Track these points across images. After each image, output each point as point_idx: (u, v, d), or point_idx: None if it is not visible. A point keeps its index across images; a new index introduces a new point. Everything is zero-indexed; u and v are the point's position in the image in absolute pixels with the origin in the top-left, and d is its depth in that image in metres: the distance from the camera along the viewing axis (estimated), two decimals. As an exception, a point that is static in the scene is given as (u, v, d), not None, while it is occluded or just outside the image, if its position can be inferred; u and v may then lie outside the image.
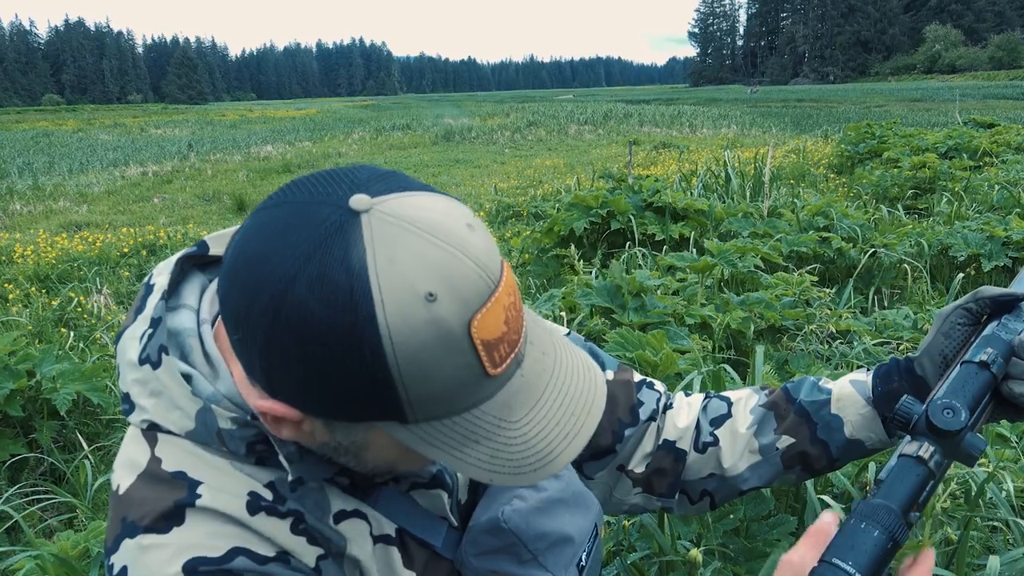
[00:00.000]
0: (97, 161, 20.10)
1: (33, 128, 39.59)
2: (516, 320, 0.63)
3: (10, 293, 6.20)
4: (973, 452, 0.72)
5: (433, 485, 0.80)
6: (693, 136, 21.78)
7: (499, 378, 0.62)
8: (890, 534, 0.66)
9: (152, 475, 0.69)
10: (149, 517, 0.67)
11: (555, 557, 0.81)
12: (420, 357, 0.57)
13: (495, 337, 0.60)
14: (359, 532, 0.74)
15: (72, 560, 2.03)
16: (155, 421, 0.71)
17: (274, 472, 0.72)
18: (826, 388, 0.97)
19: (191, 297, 0.76)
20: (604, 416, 0.98)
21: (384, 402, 0.59)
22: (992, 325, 0.85)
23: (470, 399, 0.61)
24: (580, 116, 31.82)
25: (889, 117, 16.88)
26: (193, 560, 0.65)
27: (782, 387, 1.00)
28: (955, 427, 0.71)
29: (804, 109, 33.73)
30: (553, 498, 0.83)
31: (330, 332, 0.56)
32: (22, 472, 3.10)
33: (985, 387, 0.79)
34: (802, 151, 12.86)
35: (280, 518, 0.70)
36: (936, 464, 0.71)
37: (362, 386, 0.58)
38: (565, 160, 16.95)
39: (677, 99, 54.03)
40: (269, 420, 0.66)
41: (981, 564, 1.68)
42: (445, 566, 0.81)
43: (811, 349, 3.20)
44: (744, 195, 7.50)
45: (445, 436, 0.62)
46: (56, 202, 13.21)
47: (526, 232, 6.62)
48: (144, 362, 0.72)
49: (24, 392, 3.16)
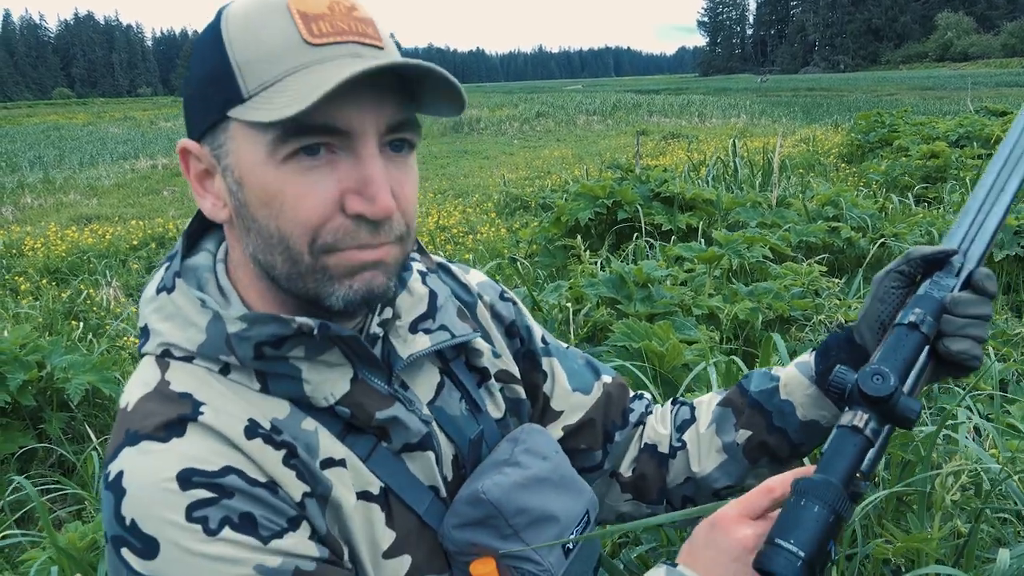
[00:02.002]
0: (107, 154, 20.17)
1: (44, 122, 39.74)
2: (343, 14, 0.70)
3: (21, 286, 6.23)
4: (909, 415, 0.72)
5: (423, 447, 0.81)
6: (702, 126, 21.68)
7: (322, 49, 0.68)
8: (831, 508, 0.66)
9: (160, 393, 0.73)
10: (151, 427, 0.70)
11: (537, 534, 0.80)
12: (243, 23, 0.69)
13: (315, 12, 0.69)
14: (343, 482, 0.76)
15: (79, 553, 2.04)
16: (169, 342, 0.75)
17: (275, 403, 0.74)
18: (776, 376, 0.97)
19: (210, 244, 0.82)
20: (600, 415, 1.01)
21: (224, 73, 0.69)
22: (925, 284, 0.83)
23: (291, 62, 0.68)
24: (589, 106, 31.71)
25: (900, 106, 16.74)
26: (188, 470, 0.68)
27: (737, 383, 1.01)
28: (884, 392, 0.71)
29: (814, 98, 33.52)
30: (539, 476, 0.83)
31: (203, 32, 0.74)
32: (31, 463, 3.12)
33: (916, 348, 0.78)
34: (812, 140, 12.78)
35: (275, 448, 0.72)
36: (873, 431, 0.71)
37: (209, 65, 0.71)
38: (574, 151, 16.90)
39: (686, 89, 53.77)
40: (193, 180, 0.75)
41: (991, 557, 1.67)
42: (430, 537, 0.81)
43: (820, 340, 3.18)
44: (753, 185, 7.46)
45: (268, 99, 0.67)
46: (66, 195, 13.26)
47: (534, 223, 6.60)
48: (160, 291, 0.78)
49: (35, 383, 3.18)
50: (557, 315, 3.18)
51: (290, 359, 0.74)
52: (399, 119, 0.72)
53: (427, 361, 0.86)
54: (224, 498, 0.67)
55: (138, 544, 0.66)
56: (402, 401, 0.80)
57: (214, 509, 0.67)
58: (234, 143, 0.71)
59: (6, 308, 5.25)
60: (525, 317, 1.02)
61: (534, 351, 1.00)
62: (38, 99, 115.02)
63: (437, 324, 0.87)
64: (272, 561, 0.68)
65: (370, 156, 0.70)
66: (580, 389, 1.01)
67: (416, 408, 0.81)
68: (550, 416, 1.00)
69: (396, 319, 0.84)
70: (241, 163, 0.71)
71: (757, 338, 3.16)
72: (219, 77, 0.70)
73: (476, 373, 0.92)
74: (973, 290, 0.83)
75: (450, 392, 0.87)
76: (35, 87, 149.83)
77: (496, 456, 0.85)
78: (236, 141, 0.70)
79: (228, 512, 0.67)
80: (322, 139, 0.69)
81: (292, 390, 0.74)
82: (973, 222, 0.86)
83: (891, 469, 1.90)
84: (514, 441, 0.87)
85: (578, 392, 1.01)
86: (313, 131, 0.68)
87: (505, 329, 0.98)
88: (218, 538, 0.66)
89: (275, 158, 0.68)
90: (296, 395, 0.75)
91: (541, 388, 1.00)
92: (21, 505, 2.71)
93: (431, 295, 0.89)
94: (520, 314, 1.01)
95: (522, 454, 0.84)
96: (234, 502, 0.68)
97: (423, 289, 0.89)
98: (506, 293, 1.01)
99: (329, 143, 0.69)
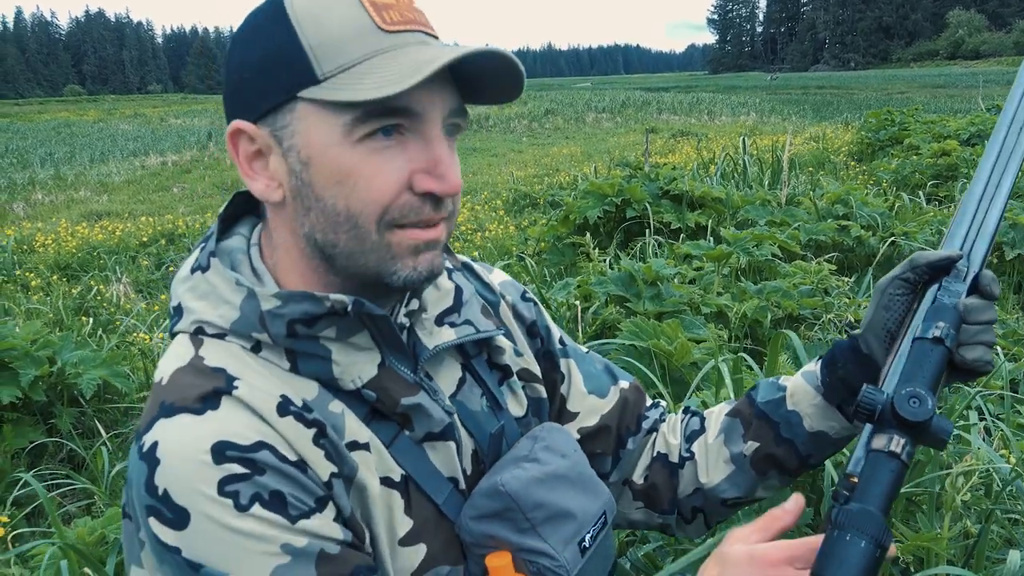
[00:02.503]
0: (117, 151, 20.26)
1: (55, 118, 39.94)
2: (407, 5, 0.74)
3: (32, 281, 6.27)
4: (943, 436, 0.69)
5: (445, 437, 0.82)
6: (712, 124, 21.61)
7: (396, 36, 0.71)
8: (876, 542, 0.63)
9: (195, 367, 0.74)
10: (187, 399, 0.71)
11: (553, 530, 0.80)
12: (312, 6, 0.71)
13: (383, 1, 0.72)
14: (367, 466, 0.76)
15: (89, 548, 2.05)
16: (203, 319, 0.76)
17: (303, 383, 0.75)
18: (783, 386, 0.97)
19: (244, 229, 0.84)
20: (615, 421, 1.01)
21: (293, 55, 0.70)
22: (933, 291, 0.81)
23: (367, 47, 0.70)
24: (598, 104, 31.66)
25: (911, 104, 16.66)
26: (222, 443, 0.68)
27: (746, 393, 1.01)
28: (925, 416, 0.68)
29: (824, 96, 33.37)
30: (557, 473, 0.83)
31: (255, 15, 0.75)
32: (41, 458, 3.14)
33: (941, 363, 0.75)
34: (822, 138, 12.72)
35: (306, 426, 0.73)
36: (908, 455, 0.69)
37: (274, 46, 0.71)
38: (583, 148, 16.88)
39: (696, 86, 53.63)
40: (243, 161, 0.76)
41: (1001, 558, 1.66)
42: (447, 528, 0.81)
43: (829, 339, 3.17)
44: (762, 183, 7.43)
45: (348, 80, 0.70)
46: (77, 192, 13.33)
47: (543, 221, 6.60)
48: (195, 270, 0.79)
49: (46, 379, 3.20)
50: (565, 313, 3.18)
51: (321, 339, 0.75)
52: (457, 105, 0.76)
53: (449, 356, 0.88)
54: (256, 474, 0.68)
55: (169, 514, 0.66)
56: (427, 390, 0.81)
57: (246, 485, 0.67)
58: (302, 123, 0.72)
59: (17, 304, 5.27)
60: (545, 318, 1.03)
61: (552, 352, 1.01)
62: (49, 96, 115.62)
63: (462, 319, 0.88)
64: (299, 541, 0.69)
65: (438, 138, 0.74)
66: (596, 392, 1.02)
67: (440, 398, 0.82)
68: (566, 417, 1.01)
69: (422, 311, 0.85)
70: (311, 143, 0.72)
71: (766, 337, 3.15)
72: (287, 59, 0.71)
73: (498, 370, 0.92)
74: (980, 295, 0.82)
75: (471, 388, 0.88)
76: (46, 84, 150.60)
77: (516, 452, 0.86)
78: (305, 122, 0.72)
79: (259, 489, 0.68)
80: (399, 120, 0.72)
81: (321, 370, 0.75)
82: (972, 222, 0.84)
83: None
84: (534, 438, 0.87)
85: (593, 395, 1.01)
86: (394, 113, 0.71)
87: (527, 328, 0.99)
88: (248, 514, 0.67)
89: (350, 138, 0.71)
90: (324, 376, 0.76)
91: (559, 389, 1.01)
92: (31, 500, 2.72)
93: (457, 290, 0.91)
94: (540, 315, 1.02)
95: (541, 451, 0.85)
96: (265, 479, 0.68)
97: (449, 284, 0.91)
98: (527, 293, 1.02)
99: (400, 125, 0.72)
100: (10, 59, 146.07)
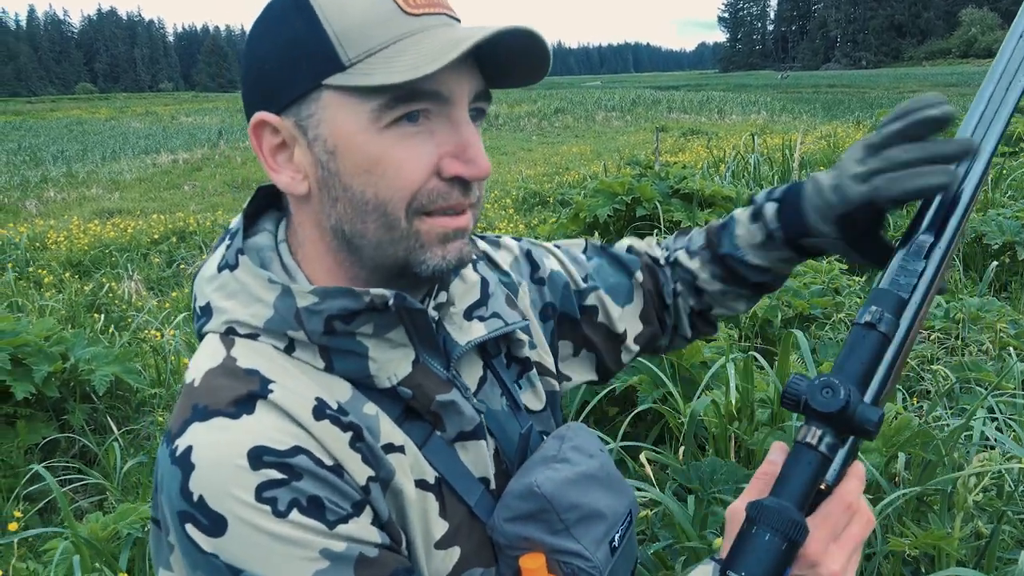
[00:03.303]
0: (129, 149, 20.37)
1: (67, 116, 40.20)
2: None
3: (44, 278, 6.31)
4: (867, 426, 0.66)
5: (476, 436, 0.81)
6: (722, 122, 21.56)
7: (420, 19, 0.70)
8: (784, 535, 0.63)
9: (227, 369, 0.72)
10: (221, 402, 0.69)
11: (586, 531, 0.80)
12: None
13: None
14: (402, 469, 0.75)
15: (101, 543, 2.06)
16: (234, 319, 0.74)
17: (338, 384, 0.74)
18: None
19: (270, 224, 0.82)
20: (651, 310, 1.03)
21: (317, 42, 0.69)
22: (891, 271, 0.75)
23: (393, 31, 0.69)
24: (608, 103, 31.62)
25: (923, 103, 16.53)
26: (259, 448, 0.67)
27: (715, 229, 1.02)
28: (834, 407, 0.66)
29: (835, 95, 33.24)
30: (588, 473, 0.83)
31: (274, 7, 0.73)
32: (54, 454, 3.16)
33: (875, 349, 0.71)
34: (833, 137, 12.67)
35: (342, 429, 0.72)
36: (829, 447, 0.67)
37: (297, 34, 0.70)
38: (592, 147, 16.87)
39: (706, 85, 53.49)
40: (267, 154, 0.74)
41: (1013, 558, 1.65)
42: (479, 529, 0.81)
43: (840, 338, 3.16)
44: (773, 182, 7.41)
45: (375, 64, 0.68)
46: (89, 189, 13.41)
47: (552, 219, 6.60)
48: (223, 268, 0.77)
49: (58, 375, 3.22)
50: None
51: (358, 335, 0.74)
52: (482, 87, 0.75)
53: (472, 353, 0.86)
54: (293, 480, 0.67)
55: (205, 521, 0.66)
56: (459, 387, 0.80)
57: (283, 490, 0.67)
58: (328, 112, 0.70)
59: (30, 301, 5.31)
60: (557, 269, 1.00)
61: (571, 310, 0.99)
62: (61, 94, 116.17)
63: (490, 312, 0.87)
64: (337, 546, 0.68)
65: (465, 121, 0.73)
66: (626, 302, 1.02)
67: (470, 396, 0.82)
68: (618, 340, 1.02)
69: (450, 305, 0.85)
70: (337, 131, 0.70)
71: (777, 336, 3.14)
72: (310, 47, 0.70)
73: (517, 364, 0.91)
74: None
75: (491, 387, 0.87)
76: (58, 82, 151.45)
77: (544, 452, 0.85)
78: (331, 110, 0.70)
79: (297, 494, 0.67)
80: (426, 104, 0.70)
81: (357, 368, 0.74)
82: (986, 110, 0.79)
83: (912, 469, 1.89)
84: (560, 438, 0.87)
85: (628, 305, 1.02)
86: (421, 96, 0.69)
87: (539, 313, 0.98)
88: (287, 520, 0.66)
89: (377, 124, 0.70)
90: (360, 374, 0.75)
91: (597, 320, 1.01)
92: (44, 495, 2.75)
93: (483, 283, 0.90)
94: (552, 280, 0.99)
95: (570, 451, 0.84)
96: (303, 484, 0.67)
97: (475, 276, 0.90)
98: (536, 272, 0.99)
99: (427, 109, 0.71)
100: (23, 57, 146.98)
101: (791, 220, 0.89)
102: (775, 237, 0.91)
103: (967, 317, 3.32)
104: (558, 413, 0.97)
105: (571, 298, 0.99)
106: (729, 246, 0.96)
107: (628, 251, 1.05)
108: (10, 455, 3.01)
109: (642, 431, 2.58)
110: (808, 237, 0.88)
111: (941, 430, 2.02)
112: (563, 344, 1.00)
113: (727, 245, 0.96)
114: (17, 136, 26.56)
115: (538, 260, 1.00)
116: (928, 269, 0.74)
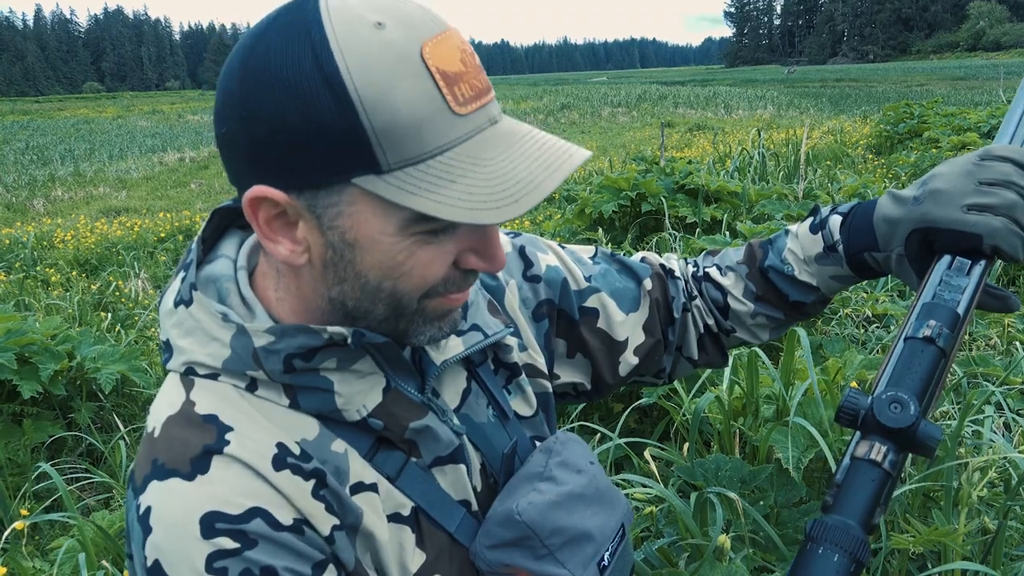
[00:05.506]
0: (136, 147, 20.44)
1: (74, 115, 40.35)
2: (475, 69, 0.64)
3: (52, 277, 6.34)
4: (930, 444, 0.66)
5: (454, 460, 0.79)
6: (728, 118, 21.51)
7: (468, 119, 0.63)
8: (851, 556, 0.61)
9: (185, 417, 0.70)
10: (177, 461, 0.68)
11: (573, 554, 0.78)
12: (376, 78, 0.59)
13: (453, 71, 0.62)
14: (373, 509, 0.74)
15: (107, 540, 2.07)
16: (193, 360, 0.72)
17: (303, 421, 0.72)
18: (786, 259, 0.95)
19: (229, 249, 0.78)
20: (656, 323, 0.99)
21: (352, 137, 0.60)
22: (935, 285, 0.75)
23: (440, 137, 0.61)
24: (614, 98, 31.57)
25: (930, 96, 16.50)
26: (212, 515, 0.66)
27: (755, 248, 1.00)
28: (905, 423, 0.65)
29: (842, 89, 33.11)
30: (574, 493, 0.81)
31: (290, 65, 0.60)
32: (60, 453, 3.17)
33: (933, 364, 0.70)
34: (840, 132, 12.62)
35: (304, 478, 0.70)
36: (891, 464, 0.66)
37: (327, 119, 0.59)
38: (598, 143, 16.84)
39: (712, 80, 53.36)
40: (263, 224, 0.67)
41: (1019, 554, 1.64)
42: (460, 555, 0.79)
43: (846, 333, 3.15)
44: (779, 177, 7.39)
45: (420, 181, 0.61)
46: (96, 188, 13.46)
47: (558, 215, 6.59)
48: (178, 304, 0.74)
49: (65, 373, 3.23)
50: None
51: (321, 371, 0.71)
52: None
53: (455, 364, 0.83)
54: (247, 548, 0.66)
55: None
56: (435, 410, 0.78)
57: (235, 561, 0.65)
58: (353, 208, 0.64)
59: (37, 299, 5.33)
60: (553, 267, 0.97)
61: (569, 308, 0.96)
62: (69, 93, 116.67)
63: (469, 324, 0.84)
64: None
65: None
66: (632, 308, 0.98)
67: (448, 418, 0.79)
68: (618, 348, 0.98)
69: None
70: (360, 229, 0.65)
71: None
72: (343, 138, 0.60)
73: (505, 370, 0.89)
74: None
75: (477, 398, 0.84)
76: (66, 81, 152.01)
77: (530, 468, 0.83)
78: (357, 207, 0.64)
79: (249, 564, 0.66)
80: None
81: (323, 404, 0.72)
82: (1022, 119, 0.79)
83: (917, 464, 1.88)
84: (548, 452, 0.84)
85: (632, 313, 0.98)
86: None
87: (532, 313, 0.94)
88: None
89: (406, 231, 0.65)
90: (327, 409, 0.72)
91: (593, 339, 0.97)
92: (51, 493, 2.76)
93: None
94: (548, 277, 0.96)
95: (556, 467, 0.82)
96: (256, 553, 0.66)
97: None
98: (529, 270, 0.95)
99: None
100: (30, 57, 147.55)
101: (859, 229, 0.87)
102: (836, 249, 0.89)
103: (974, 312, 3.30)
104: (552, 415, 0.95)
105: (570, 297, 0.96)
106: (774, 259, 0.94)
107: (641, 260, 1.03)
108: (17, 453, 3.03)
109: (647, 427, 2.57)
110: (872, 251, 0.86)
111: (948, 426, 2.01)
112: (558, 342, 0.97)
113: (772, 258, 0.94)
114: (25, 135, 26.67)
115: (531, 257, 0.96)
116: (970, 286, 0.74)
